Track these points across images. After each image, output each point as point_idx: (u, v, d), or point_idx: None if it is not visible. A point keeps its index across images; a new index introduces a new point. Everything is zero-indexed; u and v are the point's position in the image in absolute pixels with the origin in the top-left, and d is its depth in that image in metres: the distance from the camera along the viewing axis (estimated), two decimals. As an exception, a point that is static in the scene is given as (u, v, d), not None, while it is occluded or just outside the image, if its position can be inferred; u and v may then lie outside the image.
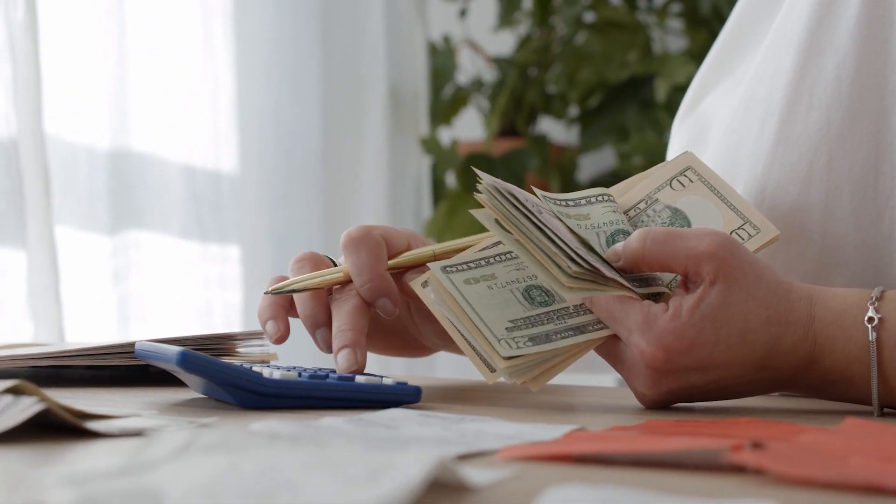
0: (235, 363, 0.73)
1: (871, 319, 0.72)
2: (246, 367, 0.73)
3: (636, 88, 2.29)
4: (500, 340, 0.73)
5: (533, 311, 0.75)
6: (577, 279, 0.74)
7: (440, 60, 2.41)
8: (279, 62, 2.01)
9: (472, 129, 2.52)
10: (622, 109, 2.29)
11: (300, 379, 0.74)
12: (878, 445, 0.56)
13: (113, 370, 0.92)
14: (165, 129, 1.75)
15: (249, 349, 0.92)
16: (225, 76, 1.86)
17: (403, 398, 0.75)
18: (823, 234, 0.84)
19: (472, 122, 2.53)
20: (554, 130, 2.54)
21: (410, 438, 0.59)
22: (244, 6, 1.93)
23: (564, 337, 0.74)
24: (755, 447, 0.52)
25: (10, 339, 1.38)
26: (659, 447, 0.54)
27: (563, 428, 0.63)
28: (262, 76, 1.98)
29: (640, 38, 2.29)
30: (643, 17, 2.37)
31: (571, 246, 0.75)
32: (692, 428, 0.63)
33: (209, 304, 1.82)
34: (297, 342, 2.02)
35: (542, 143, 2.37)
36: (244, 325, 1.87)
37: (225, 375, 0.71)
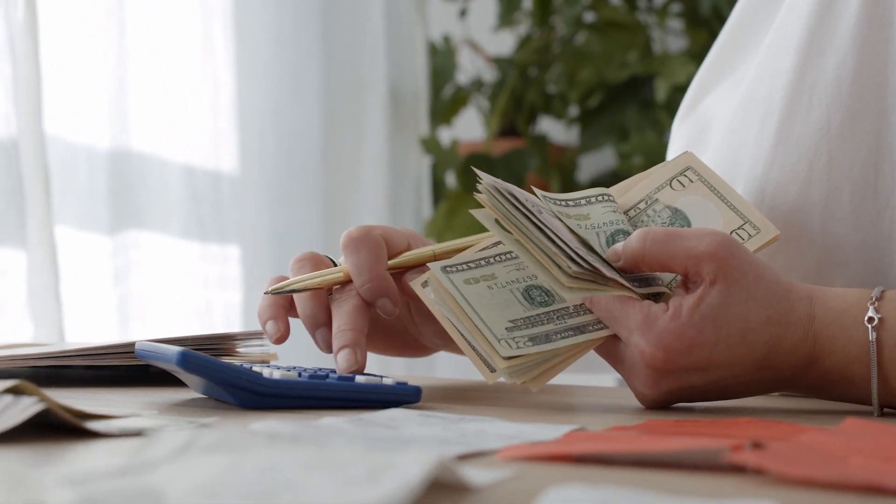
0: (235, 363, 0.73)
1: (871, 319, 0.72)
2: (246, 367, 0.73)
3: (636, 88, 2.29)
4: (500, 340, 0.73)
5: (533, 311, 0.75)
6: (577, 279, 0.74)
7: (440, 60, 2.41)
8: (279, 62, 2.01)
9: (472, 129, 2.52)
10: (622, 109, 2.29)
11: (300, 379, 0.73)
12: (878, 445, 0.56)
13: (113, 370, 0.92)
14: (165, 129, 1.75)
15: (249, 349, 0.92)
16: (225, 76, 1.86)
17: (403, 398, 0.75)
18: (823, 233, 0.84)
19: (472, 122, 2.53)
20: (554, 130, 2.54)
21: (411, 438, 0.59)
22: (244, 6, 1.93)
23: (564, 337, 0.74)
24: (755, 447, 0.52)
25: (10, 339, 1.38)
26: (659, 447, 0.54)
27: (563, 428, 0.63)
28: (262, 76, 1.98)
29: (640, 38, 2.29)
30: (643, 17, 2.37)
31: (571, 246, 0.75)
32: (692, 428, 0.63)
33: (209, 304, 1.82)
34: (297, 342, 2.02)
35: (542, 143, 2.37)
36: (244, 325, 1.87)
37: (225, 375, 0.71)
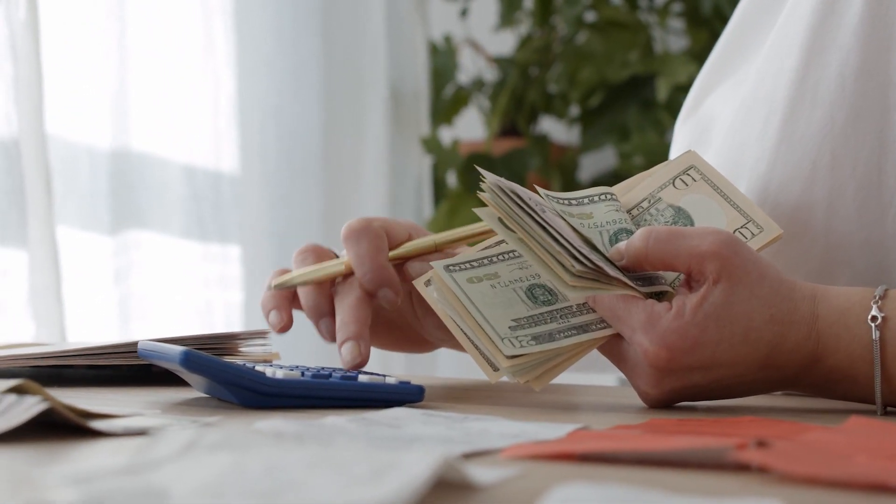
0: (238, 363, 0.73)
1: (874, 318, 0.72)
2: (249, 366, 0.73)
3: (637, 88, 2.28)
4: (503, 339, 0.73)
5: (536, 309, 0.75)
6: (580, 278, 0.74)
7: (441, 60, 2.41)
8: (280, 62, 2.01)
9: (472, 128, 2.52)
10: (623, 109, 2.29)
11: (303, 378, 0.73)
12: (882, 444, 0.56)
13: (114, 370, 0.92)
14: (166, 128, 1.75)
15: (252, 349, 0.92)
16: (226, 76, 1.86)
17: (406, 397, 0.74)
18: (827, 232, 0.84)
19: (472, 121, 2.53)
20: (555, 130, 2.53)
21: (414, 438, 0.59)
22: (245, 6, 1.93)
23: (568, 336, 0.74)
24: (759, 446, 0.52)
25: (11, 338, 1.38)
26: (663, 446, 0.54)
27: (566, 427, 0.63)
28: (262, 76, 1.98)
29: (641, 37, 2.29)
30: (644, 16, 2.37)
31: (575, 245, 0.75)
32: (696, 427, 0.63)
33: (210, 303, 1.82)
34: (298, 342, 2.02)
35: (542, 142, 2.37)
36: (245, 324, 1.87)
37: (228, 375, 0.71)
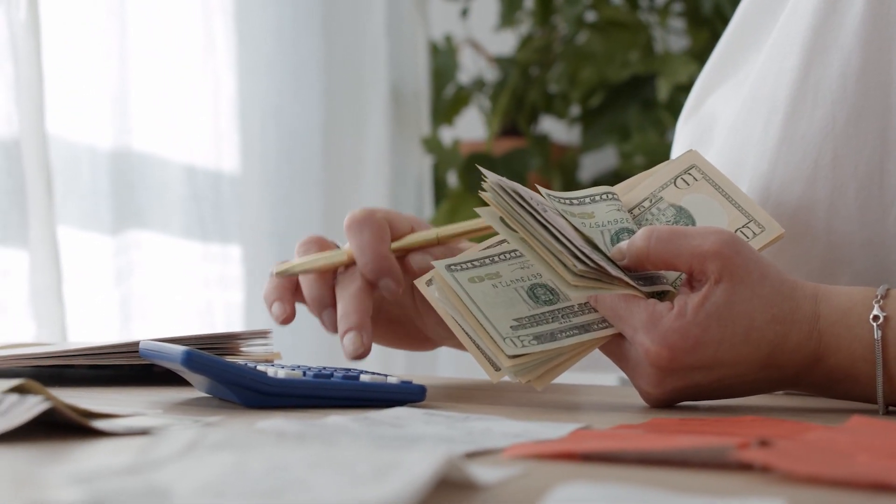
0: (240, 362, 0.73)
1: (876, 318, 0.72)
2: (250, 366, 0.73)
3: (638, 88, 2.28)
4: (505, 339, 0.73)
5: (538, 309, 0.75)
6: (582, 277, 0.74)
7: (441, 60, 2.40)
8: (280, 62, 2.01)
9: (473, 128, 2.52)
10: (624, 109, 2.28)
11: (305, 378, 0.73)
12: (884, 443, 0.56)
13: (116, 370, 0.92)
14: (167, 128, 1.75)
15: (253, 348, 0.92)
16: (226, 76, 1.86)
17: (408, 397, 0.74)
18: (829, 231, 0.84)
19: (473, 121, 2.53)
20: (555, 130, 2.53)
21: (416, 437, 0.59)
22: (245, 6, 1.93)
23: (569, 335, 0.74)
24: (762, 445, 0.52)
25: (12, 338, 1.38)
26: (665, 445, 0.54)
27: (568, 426, 0.63)
28: (263, 76, 1.98)
29: (641, 37, 2.29)
30: (645, 16, 2.37)
31: (576, 244, 0.75)
32: (698, 426, 0.63)
33: (210, 303, 1.82)
34: (298, 342, 2.01)
35: (543, 142, 2.37)
36: (246, 324, 1.87)
37: (230, 374, 0.71)
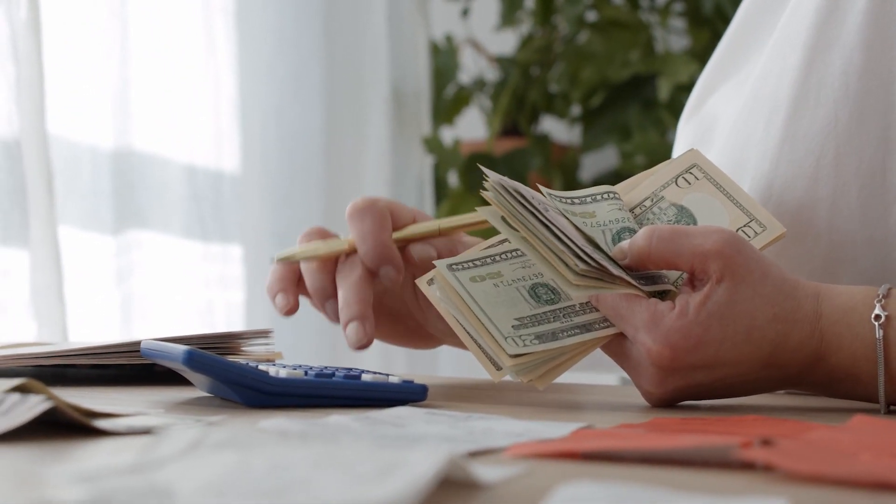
0: (241, 362, 0.73)
1: (877, 317, 0.72)
2: (252, 365, 0.73)
3: (638, 88, 2.28)
4: (506, 338, 0.73)
5: (539, 308, 0.75)
6: (583, 277, 0.74)
7: (442, 60, 2.40)
8: (281, 62, 2.01)
9: (474, 128, 2.52)
10: (624, 109, 2.28)
11: (306, 377, 0.73)
12: (886, 442, 0.56)
13: (117, 369, 0.92)
14: (168, 128, 1.75)
15: (254, 348, 0.92)
16: (227, 76, 1.86)
17: (410, 396, 0.74)
18: (830, 230, 0.84)
19: (474, 121, 2.53)
20: (556, 130, 2.53)
21: (418, 436, 0.59)
22: (246, 6, 1.93)
23: (571, 335, 0.74)
24: (764, 444, 0.52)
25: (13, 338, 1.38)
26: (668, 444, 0.54)
27: (570, 425, 0.63)
28: (264, 76, 1.98)
29: (642, 37, 2.29)
30: (645, 16, 2.37)
31: (578, 243, 0.75)
32: (700, 425, 0.63)
33: (211, 303, 1.82)
34: (299, 342, 2.00)
35: (544, 142, 2.37)
36: (246, 324, 1.87)
37: (231, 374, 0.71)
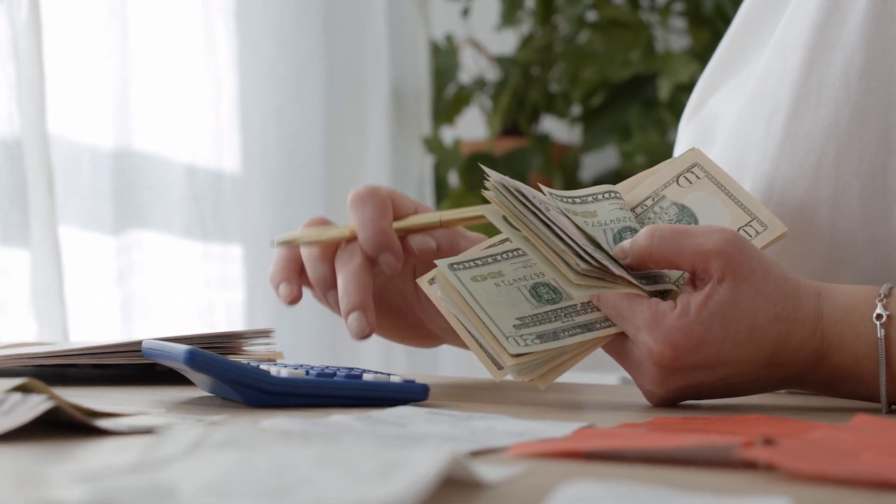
0: (243, 361, 0.73)
1: (879, 316, 0.72)
2: (253, 365, 0.73)
3: (639, 87, 2.28)
4: (507, 338, 0.73)
5: (540, 308, 0.75)
6: (585, 276, 0.74)
7: (443, 60, 2.40)
8: (282, 62, 2.01)
9: (474, 128, 2.52)
10: (625, 108, 2.28)
11: (308, 377, 0.73)
12: (888, 441, 0.56)
13: (118, 369, 0.92)
14: (168, 128, 1.75)
15: (255, 348, 0.92)
16: (227, 76, 1.86)
17: (411, 396, 0.74)
18: (832, 230, 0.84)
19: (474, 121, 2.53)
20: (556, 129, 2.53)
21: (419, 436, 0.59)
22: (247, 6, 1.93)
23: (572, 334, 0.74)
24: (766, 443, 0.52)
25: (14, 338, 1.38)
26: (669, 444, 0.54)
27: (572, 425, 0.63)
28: (264, 76, 1.98)
29: (642, 36, 2.29)
30: (646, 16, 2.37)
31: (579, 243, 0.75)
32: (701, 425, 0.63)
33: (211, 303, 1.82)
34: (299, 342, 2.00)
35: (544, 142, 2.37)
36: (246, 324, 1.87)
37: (233, 374, 0.71)
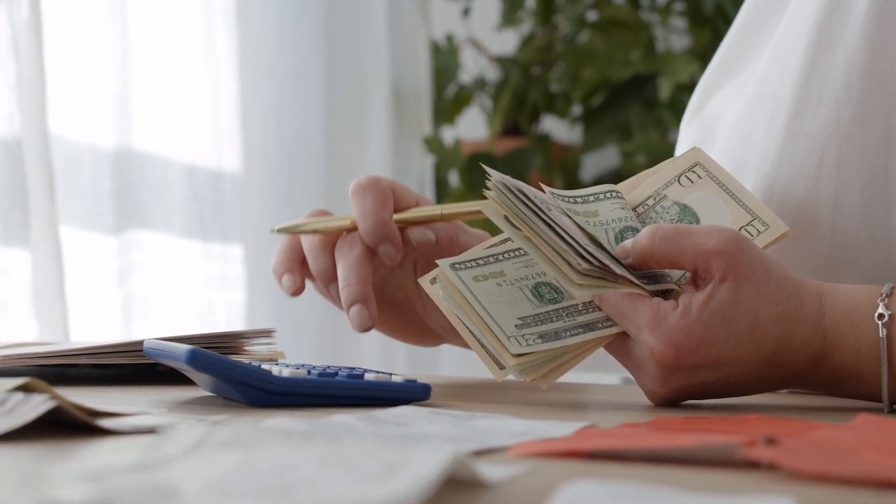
0: (244, 361, 0.73)
1: (881, 316, 0.72)
2: (255, 364, 0.73)
3: (639, 87, 2.28)
4: (509, 338, 0.73)
5: (542, 308, 0.75)
6: (586, 276, 0.74)
7: (443, 60, 2.40)
8: (282, 62, 2.01)
9: (475, 128, 2.52)
10: (625, 108, 2.28)
11: (310, 377, 0.73)
12: (890, 441, 0.56)
13: (119, 369, 0.92)
14: (168, 128, 1.75)
15: (257, 347, 0.92)
16: (228, 76, 1.86)
17: (412, 396, 0.74)
18: (833, 230, 0.84)
19: (475, 121, 2.53)
20: (557, 129, 2.53)
21: (421, 436, 0.59)
22: (247, 6, 1.93)
23: (574, 334, 0.74)
24: (768, 443, 0.52)
25: (14, 338, 1.38)
26: (671, 443, 0.54)
27: (574, 425, 0.63)
28: (264, 76, 1.98)
29: (643, 36, 2.29)
30: (646, 15, 2.37)
31: (581, 243, 0.75)
32: (703, 425, 0.63)
33: (211, 303, 1.82)
34: (299, 342, 2.00)
35: (545, 142, 2.37)
36: (247, 324, 1.87)
37: (234, 373, 0.71)
